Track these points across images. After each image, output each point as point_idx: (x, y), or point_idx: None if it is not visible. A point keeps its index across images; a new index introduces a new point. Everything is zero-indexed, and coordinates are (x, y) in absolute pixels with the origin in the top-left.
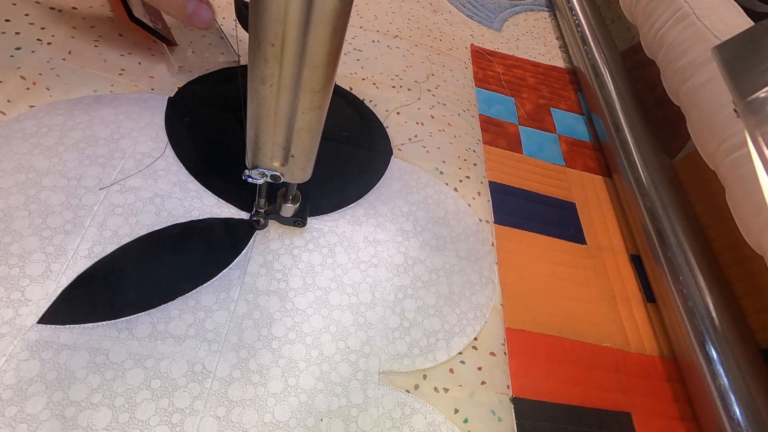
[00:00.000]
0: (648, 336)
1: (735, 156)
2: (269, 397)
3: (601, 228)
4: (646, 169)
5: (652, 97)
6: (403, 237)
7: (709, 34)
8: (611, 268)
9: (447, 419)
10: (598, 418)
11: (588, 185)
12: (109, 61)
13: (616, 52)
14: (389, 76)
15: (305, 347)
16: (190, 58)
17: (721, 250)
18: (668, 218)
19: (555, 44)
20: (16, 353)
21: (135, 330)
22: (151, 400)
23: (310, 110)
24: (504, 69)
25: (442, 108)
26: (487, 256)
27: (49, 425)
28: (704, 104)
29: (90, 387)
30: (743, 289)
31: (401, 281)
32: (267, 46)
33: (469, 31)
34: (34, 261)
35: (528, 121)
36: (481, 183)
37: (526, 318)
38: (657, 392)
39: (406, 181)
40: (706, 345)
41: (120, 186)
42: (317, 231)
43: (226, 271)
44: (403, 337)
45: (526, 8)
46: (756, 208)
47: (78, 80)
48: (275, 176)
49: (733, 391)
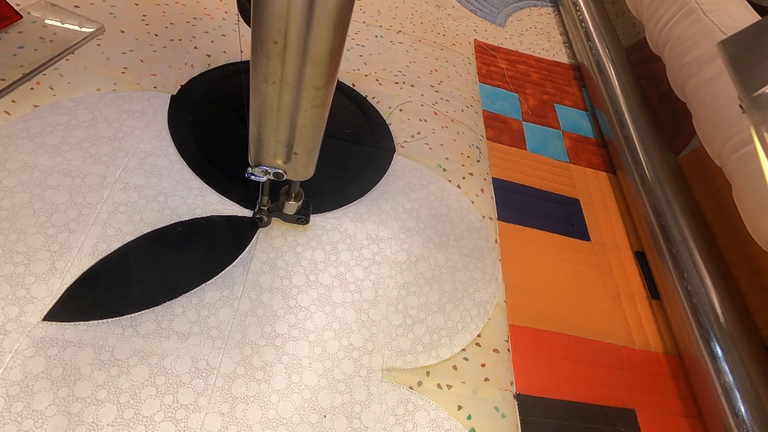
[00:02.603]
0: (652, 333)
1: (742, 152)
2: (273, 393)
3: (606, 224)
4: (650, 166)
5: (657, 93)
6: (406, 234)
7: (716, 29)
8: (615, 264)
9: (450, 416)
10: (602, 415)
11: (592, 182)
12: (111, 60)
13: (620, 48)
14: (392, 72)
15: (308, 344)
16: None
17: (727, 246)
18: (673, 215)
19: (559, 40)
20: (22, 350)
21: (139, 327)
22: (155, 397)
23: (313, 107)
24: (508, 65)
25: (445, 104)
26: (491, 253)
27: (55, 421)
28: (711, 100)
29: (95, 383)
30: (748, 286)
31: (404, 278)
32: (269, 43)
33: (473, 27)
34: (39, 259)
35: (532, 117)
36: (484, 180)
37: (529, 315)
38: (661, 389)
39: (409, 178)
40: (710, 342)
41: (123, 184)
42: (320, 228)
43: (229, 268)
44: (406, 334)
45: (530, 3)
46: (763, 205)
47: (81, 79)
48: (278, 174)
49: (737, 388)
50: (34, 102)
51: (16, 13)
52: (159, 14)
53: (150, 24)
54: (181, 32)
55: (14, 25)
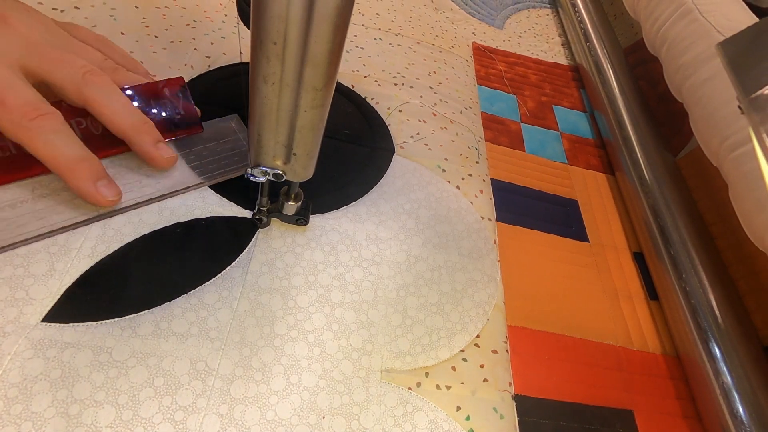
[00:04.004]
0: (651, 333)
1: (738, 153)
2: (272, 394)
3: (604, 225)
4: (649, 167)
5: (655, 94)
6: (405, 235)
7: (713, 30)
8: (614, 265)
9: (449, 417)
10: (600, 416)
11: (590, 183)
12: None
13: (619, 49)
14: (391, 73)
15: (307, 345)
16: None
17: (725, 247)
18: (671, 215)
19: (557, 41)
20: (21, 351)
21: (138, 328)
22: (154, 398)
23: (312, 108)
24: (506, 66)
25: (444, 105)
26: (490, 254)
27: (53, 423)
28: (707, 101)
29: (94, 385)
30: (747, 287)
31: (403, 279)
32: (269, 44)
33: (471, 29)
34: (38, 260)
35: (530, 119)
36: (483, 181)
37: (528, 315)
38: (660, 390)
39: (409, 179)
40: (709, 342)
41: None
42: (319, 229)
43: (228, 269)
44: (405, 334)
45: (529, 5)
46: (759, 205)
47: None
48: (277, 174)
49: (736, 389)
50: None
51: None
52: (159, 17)
53: (150, 26)
54: (180, 34)
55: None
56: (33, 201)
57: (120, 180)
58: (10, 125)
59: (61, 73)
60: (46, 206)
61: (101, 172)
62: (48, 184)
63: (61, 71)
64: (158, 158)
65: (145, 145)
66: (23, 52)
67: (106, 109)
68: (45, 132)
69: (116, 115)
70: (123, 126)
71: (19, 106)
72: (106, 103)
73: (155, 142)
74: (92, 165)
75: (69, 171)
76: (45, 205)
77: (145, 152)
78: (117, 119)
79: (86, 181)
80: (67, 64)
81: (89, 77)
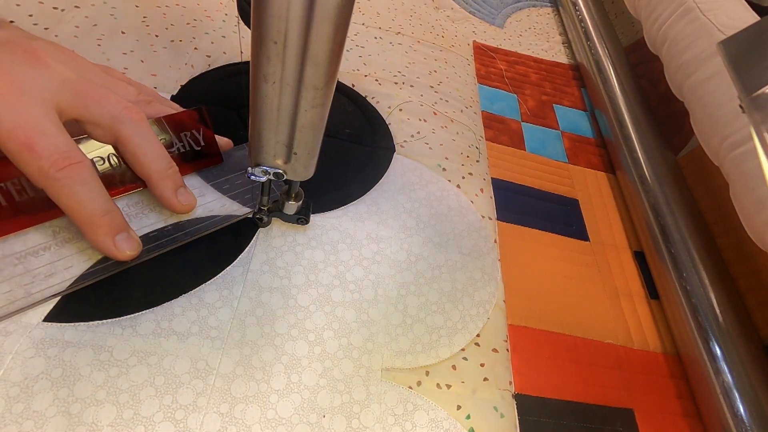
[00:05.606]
0: (651, 333)
1: (739, 151)
2: (272, 393)
3: (605, 224)
4: (649, 166)
5: (656, 93)
6: (405, 234)
7: (714, 28)
8: (614, 264)
9: (449, 415)
10: (600, 415)
11: (591, 182)
12: (111, 60)
13: (619, 48)
14: (392, 72)
15: (308, 344)
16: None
17: (725, 246)
18: (672, 214)
19: (558, 40)
20: (22, 351)
21: (139, 327)
22: (154, 397)
23: (313, 108)
24: (506, 65)
25: (444, 105)
26: (490, 253)
27: (55, 422)
28: (708, 99)
29: (95, 384)
30: (747, 286)
31: (404, 278)
32: (269, 43)
33: (472, 28)
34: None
35: (531, 118)
36: (483, 180)
37: (528, 315)
38: (660, 389)
39: (409, 178)
40: (709, 342)
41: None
42: (320, 228)
43: (229, 268)
44: (405, 333)
45: (529, 4)
46: (760, 204)
47: None
48: (278, 174)
49: (736, 388)
50: None
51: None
52: (159, 16)
53: (150, 25)
54: (181, 33)
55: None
56: (57, 247)
57: (143, 220)
58: (38, 173)
59: (98, 109)
60: (71, 253)
61: (121, 225)
62: (69, 227)
63: (97, 107)
64: (177, 205)
65: (166, 191)
66: (58, 89)
67: (139, 150)
68: (72, 184)
69: (147, 158)
70: (150, 171)
71: (50, 154)
72: (140, 144)
73: (176, 188)
74: (113, 219)
75: (89, 225)
76: (70, 252)
77: (166, 198)
78: (147, 162)
79: (105, 236)
80: (103, 100)
81: (126, 114)
